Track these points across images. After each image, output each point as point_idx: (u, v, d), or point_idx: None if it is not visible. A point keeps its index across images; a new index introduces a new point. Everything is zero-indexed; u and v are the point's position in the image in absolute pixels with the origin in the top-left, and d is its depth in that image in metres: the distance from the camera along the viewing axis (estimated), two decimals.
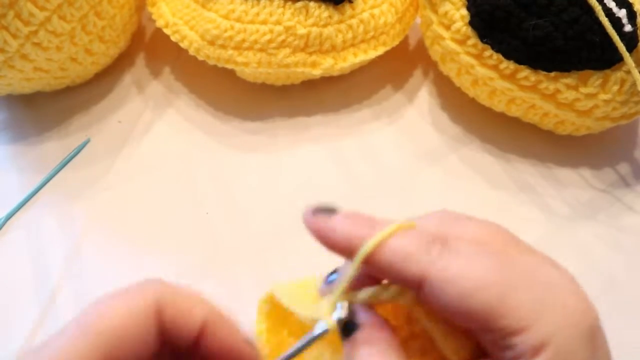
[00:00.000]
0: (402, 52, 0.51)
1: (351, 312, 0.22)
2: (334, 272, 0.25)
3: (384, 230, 0.21)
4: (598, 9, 0.37)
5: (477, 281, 0.20)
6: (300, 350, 0.22)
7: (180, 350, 0.21)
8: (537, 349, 0.19)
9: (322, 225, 0.22)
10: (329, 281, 0.24)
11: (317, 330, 0.22)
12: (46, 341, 0.20)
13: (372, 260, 0.21)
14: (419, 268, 0.20)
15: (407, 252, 0.20)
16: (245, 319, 0.28)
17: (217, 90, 0.49)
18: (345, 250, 0.22)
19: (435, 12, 0.43)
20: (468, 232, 0.22)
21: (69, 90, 0.49)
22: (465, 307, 0.19)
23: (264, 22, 0.42)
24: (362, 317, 0.22)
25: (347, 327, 0.22)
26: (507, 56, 0.40)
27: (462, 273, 0.20)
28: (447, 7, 0.42)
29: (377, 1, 0.44)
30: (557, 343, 0.19)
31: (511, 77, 0.40)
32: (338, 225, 0.22)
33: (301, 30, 0.42)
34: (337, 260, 0.24)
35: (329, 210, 0.23)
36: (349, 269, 0.21)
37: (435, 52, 0.45)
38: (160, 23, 0.46)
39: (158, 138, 0.47)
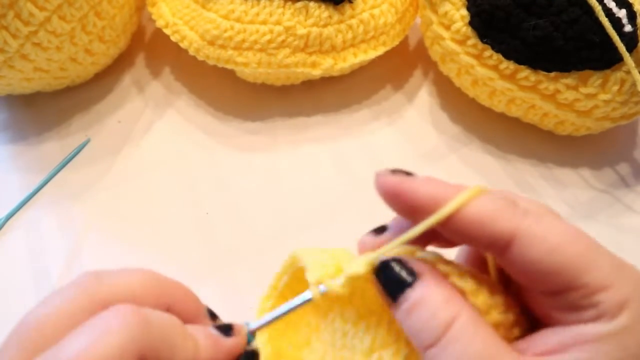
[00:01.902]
0: (402, 52, 0.51)
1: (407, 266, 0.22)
2: (382, 227, 0.24)
3: (469, 191, 0.21)
4: (598, 9, 0.37)
5: (564, 237, 0.20)
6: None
7: None
8: (620, 307, 0.19)
9: (404, 181, 0.22)
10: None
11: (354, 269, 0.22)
12: None
13: (458, 219, 0.21)
14: (509, 224, 0.20)
15: (496, 210, 0.20)
16: (244, 318, 0.28)
17: (217, 90, 0.49)
18: (424, 208, 0.21)
19: (435, 12, 0.43)
20: (532, 204, 0.22)
21: (69, 90, 0.49)
22: (555, 262, 0.20)
23: (264, 22, 0.42)
24: (422, 268, 0.22)
25: (403, 279, 0.21)
26: (507, 56, 0.40)
27: (549, 229, 0.20)
28: (447, 7, 0.42)
29: (377, 1, 0.44)
30: (635, 304, 0.19)
31: (511, 77, 0.40)
32: (421, 182, 0.22)
33: (301, 31, 0.42)
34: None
35: (406, 172, 0.22)
36: (419, 226, 0.21)
37: (435, 52, 0.45)
38: (160, 23, 0.46)
39: (158, 138, 0.47)
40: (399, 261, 0.22)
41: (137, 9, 0.48)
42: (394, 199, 0.22)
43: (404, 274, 0.21)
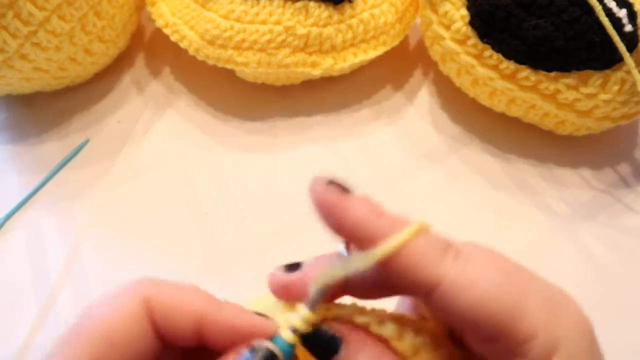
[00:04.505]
0: (402, 52, 0.51)
1: (329, 331, 0.21)
2: (296, 264, 0.23)
3: (405, 232, 0.19)
4: (598, 9, 0.37)
5: (493, 286, 0.19)
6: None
7: (187, 347, 0.21)
8: (549, 354, 0.19)
9: (335, 201, 0.20)
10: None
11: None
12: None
13: (385, 260, 0.19)
14: (436, 271, 0.19)
15: (425, 254, 0.19)
16: None
17: (217, 90, 0.49)
18: (352, 235, 0.20)
19: (435, 12, 0.43)
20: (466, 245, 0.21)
21: (69, 90, 0.49)
22: (483, 311, 0.19)
23: (263, 22, 0.42)
24: (344, 330, 0.21)
25: (330, 346, 0.21)
26: (507, 56, 0.40)
27: (478, 278, 0.19)
28: (447, 7, 0.42)
29: (377, 1, 0.44)
30: (567, 348, 0.19)
31: (511, 77, 0.40)
32: (353, 207, 0.20)
33: (301, 30, 0.42)
34: None
35: (343, 187, 0.21)
36: (355, 262, 0.19)
37: (435, 52, 0.45)
38: (159, 23, 0.46)
39: (158, 138, 0.47)
40: (323, 327, 0.21)
41: (136, 9, 0.48)
42: (323, 214, 0.21)
43: (327, 340, 0.21)
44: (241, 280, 0.39)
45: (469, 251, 0.20)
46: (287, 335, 0.20)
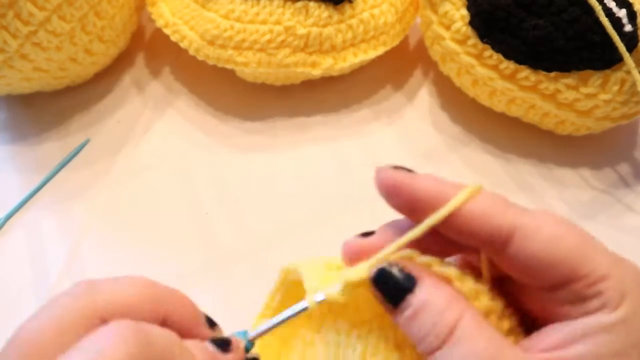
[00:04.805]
0: (402, 52, 0.51)
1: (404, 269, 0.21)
2: (370, 232, 0.24)
3: (469, 189, 0.21)
4: (598, 9, 0.37)
5: (561, 229, 0.20)
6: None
7: None
8: (621, 297, 0.19)
9: (404, 178, 0.22)
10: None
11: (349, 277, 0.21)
12: None
13: (459, 216, 0.21)
14: (509, 219, 0.21)
15: (496, 205, 0.21)
16: (245, 318, 0.28)
17: (217, 90, 0.49)
18: (423, 204, 0.21)
19: (435, 12, 0.43)
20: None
21: (69, 90, 0.49)
22: (556, 253, 0.20)
23: (263, 22, 0.42)
24: (418, 269, 0.21)
25: (403, 286, 0.21)
26: (507, 56, 0.40)
27: (546, 222, 0.21)
28: (447, 7, 0.42)
29: (377, 1, 0.44)
30: (633, 297, 0.20)
31: (511, 77, 0.40)
32: (421, 180, 0.22)
33: (301, 30, 0.42)
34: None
35: (407, 169, 0.23)
36: (422, 225, 0.21)
37: (435, 52, 0.45)
38: (160, 23, 0.46)
39: (158, 138, 0.47)
40: (396, 267, 0.21)
41: (136, 9, 0.48)
42: (393, 194, 0.22)
43: (402, 279, 0.21)
44: (241, 280, 0.39)
45: (528, 207, 0.22)
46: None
